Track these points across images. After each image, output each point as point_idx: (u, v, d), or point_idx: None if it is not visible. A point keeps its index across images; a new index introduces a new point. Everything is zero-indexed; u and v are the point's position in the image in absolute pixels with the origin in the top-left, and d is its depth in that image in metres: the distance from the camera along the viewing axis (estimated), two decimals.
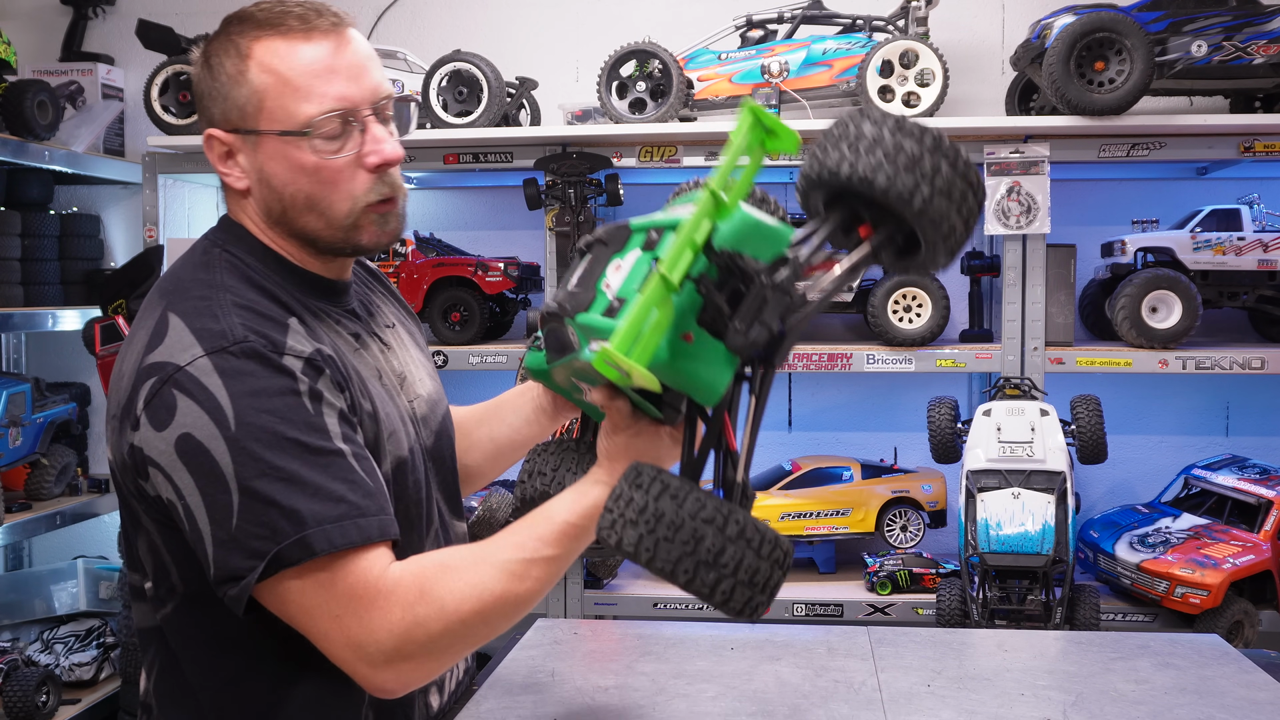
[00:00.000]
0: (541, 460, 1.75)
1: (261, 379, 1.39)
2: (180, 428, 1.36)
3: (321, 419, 1.41)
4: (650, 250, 1.32)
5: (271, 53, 1.51)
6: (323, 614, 1.38)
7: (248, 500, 1.35)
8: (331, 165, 1.51)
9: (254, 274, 1.54)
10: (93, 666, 4.11)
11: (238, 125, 1.52)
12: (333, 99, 1.50)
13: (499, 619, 1.42)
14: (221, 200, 4.39)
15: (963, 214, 1.21)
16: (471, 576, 1.41)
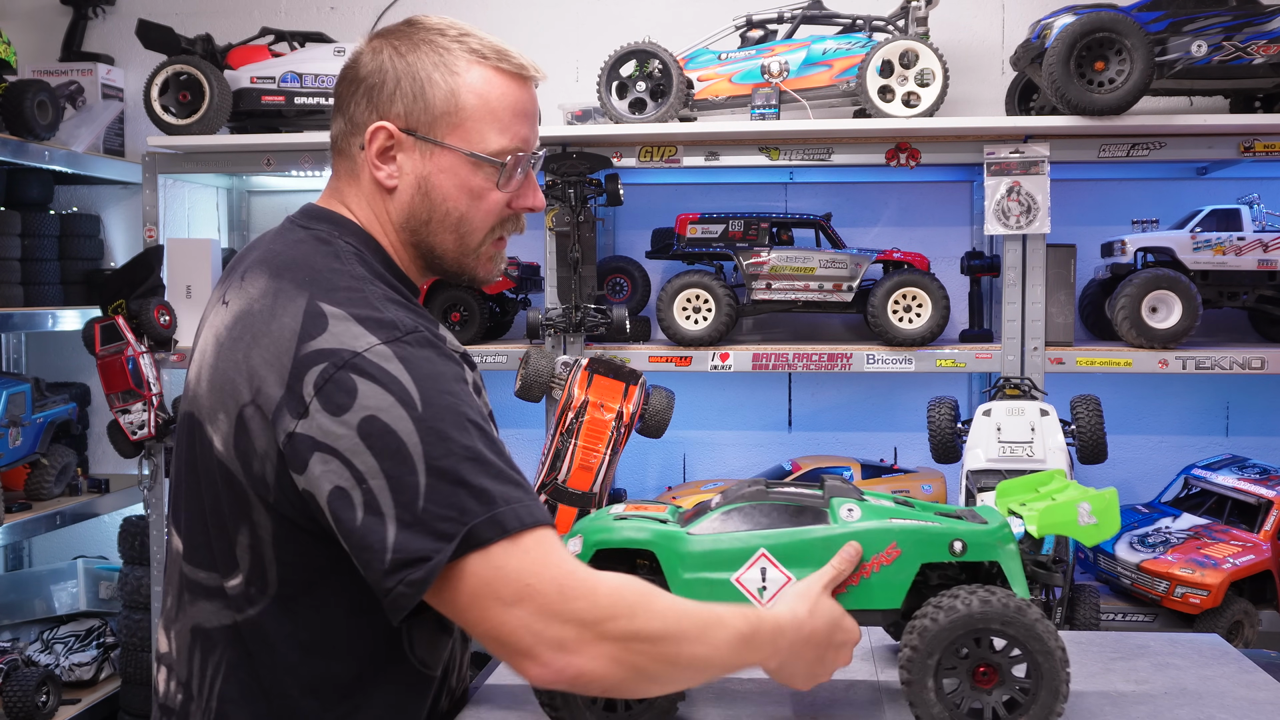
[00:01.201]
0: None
1: (439, 365, 1.41)
2: (363, 410, 1.34)
3: (483, 411, 1.44)
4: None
5: (486, 81, 1.55)
6: (507, 594, 1.33)
7: (435, 480, 1.33)
8: (493, 196, 1.58)
9: (379, 272, 1.55)
10: (93, 666, 4.11)
11: (418, 130, 1.54)
12: (521, 140, 1.58)
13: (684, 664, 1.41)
14: (222, 199, 4.42)
15: None
16: (683, 604, 1.44)
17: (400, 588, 1.33)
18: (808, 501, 1.68)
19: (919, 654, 1.55)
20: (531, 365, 3.38)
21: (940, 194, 4.06)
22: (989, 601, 1.54)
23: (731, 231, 3.62)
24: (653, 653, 1.37)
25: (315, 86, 3.74)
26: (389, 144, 1.56)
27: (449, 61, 1.54)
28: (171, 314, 3.76)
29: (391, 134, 1.55)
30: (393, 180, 1.57)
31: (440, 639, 1.66)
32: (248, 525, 1.47)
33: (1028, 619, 1.54)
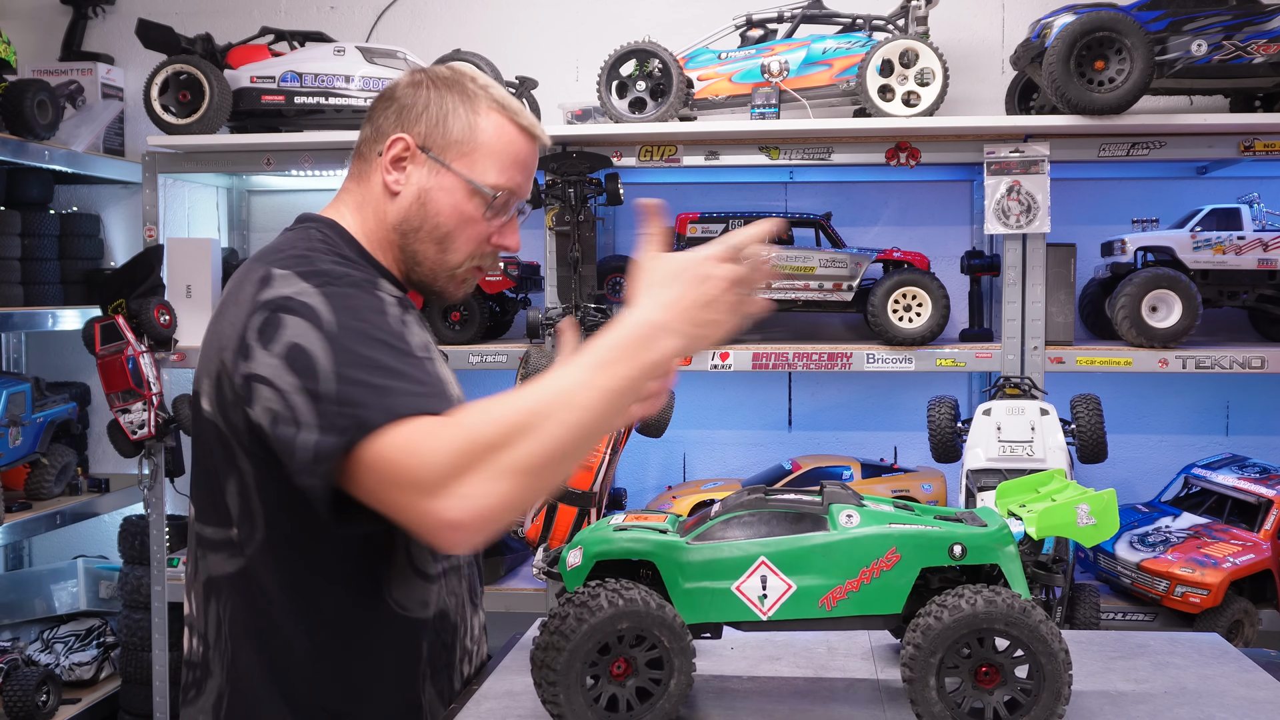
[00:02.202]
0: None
1: (358, 299, 1.59)
2: (287, 340, 1.53)
3: (406, 337, 1.58)
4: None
5: (500, 126, 1.79)
6: (399, 475, 1.41)
7: (343, 386, 1.47)
8: (478, 225, 1.79)
9: (343, 254, 1.75)
10: (93, 666, 4.12)
11: (432, 149, 1.77)
12: (514, 184, 1.81)
13: (550, 435, 1.39)
14: (222, 199, 4.42)
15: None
16: (519, 396, 1.44)
17: (312, 481, 1.46)
18: (807, 508, 1.68)
19: (921, 652, 1.55)
20: (531, 365, 3.38)
21: (940, 193, 4.06)
22: (993, 602, 1.54)
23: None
24: (535, 457, 1.39)
25: (315, 86, 3.74)
26: (403, 154, 1.77)
27: (475, 103, 1.78)
28: (171, 314, 3.76)
29: (408, 145, 1.77)
30: (398, 186, 1.78)
31: (414, 582, 1.75)
32: (235, 474, 1.64)
33: (1032, 620, 1.54)
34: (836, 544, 1.63)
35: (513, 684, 1.90)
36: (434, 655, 1.78)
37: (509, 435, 1.38)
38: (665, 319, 1.45)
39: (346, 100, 3.74)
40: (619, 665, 1.61)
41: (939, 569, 1.65)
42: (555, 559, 1.75)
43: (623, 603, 1.57)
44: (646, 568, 1.66)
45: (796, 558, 1.63)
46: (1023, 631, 1.54)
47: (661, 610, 1.59)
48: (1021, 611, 1.54)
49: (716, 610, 1.65)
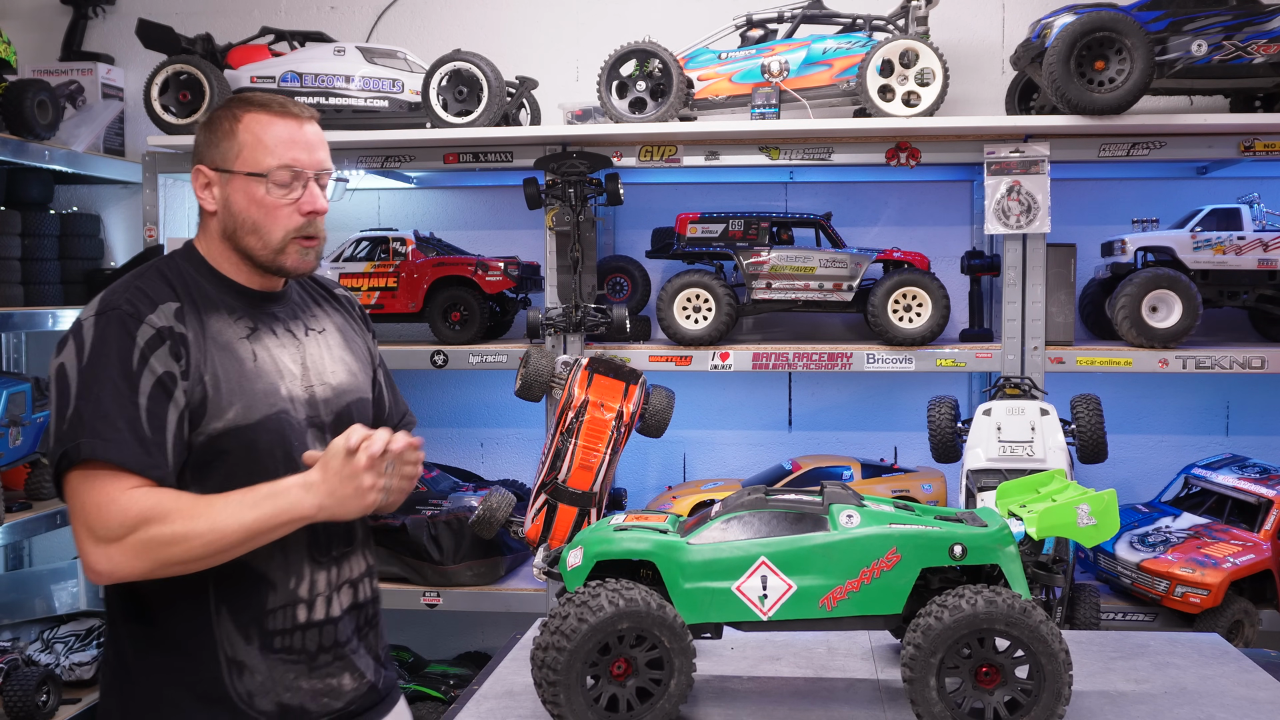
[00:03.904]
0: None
1: (111, 336, 1.97)
2: (61, 358, 1.97)
3: (134, 378, 1.95)
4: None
5: (254, 119, 2.11)
6: (79, 504, 1.91)
7: (71, 414, 1.91)
8: (275, 204, 2.10)
9: (171, 273, 2.11)
10: (93, 666, 4.11)
11: (220, 165, 2.11)
12: (289, 159, 2.11)
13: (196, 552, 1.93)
14: None
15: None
16: (196, 535, 1.91)
17: (55, 477, 1.95)
18: (807, 508, 1.68)
19: (922, 652, 1.55)
20: (531, 365, 3.38)
21: (940, 193, 4.06)
22: (994, 602, 1.54)
23: (731, 231, 3.62)
24: (166, 546, 1.90)
25: (315, 86, 3.74)
26: (206, 180, 2.13)
27: (232, 113, 2.13)
28: None
29: (202, 171, 2.13)
30: (211, 205, 2.14)
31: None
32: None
33: (1032, 620, 1.54)
34: (837, 544, 1.63)
35: (513, 684, 1.90)
36: (224, 595, 2.04)
37: (159, 533, 1.88)
38: (307, 485, 1.97)
39: (347, 100, 3.74)
40: (619, 665, 1.61)
41: (939, 569, 1.65)
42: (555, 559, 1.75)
43: (623, 603, 1.57)
44: (647, 568, 1.66)
45: (797, 558, 1.63)
46: (1023, 632, 1.54)
47: (662, 610, 1.59)
48: (1022, 612, 1.54)
49: (717, 610, 1.65)
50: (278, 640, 2.06)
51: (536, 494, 3.20)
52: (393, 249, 3.77)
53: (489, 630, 4.28)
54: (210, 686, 2.03)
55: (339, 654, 2.13)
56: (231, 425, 2.03)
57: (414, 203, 4.34)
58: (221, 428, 2.02)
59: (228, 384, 2.04)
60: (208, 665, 2.03)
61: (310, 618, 2.10)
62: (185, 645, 2.04)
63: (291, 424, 2.10)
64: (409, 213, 4.33)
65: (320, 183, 2.18)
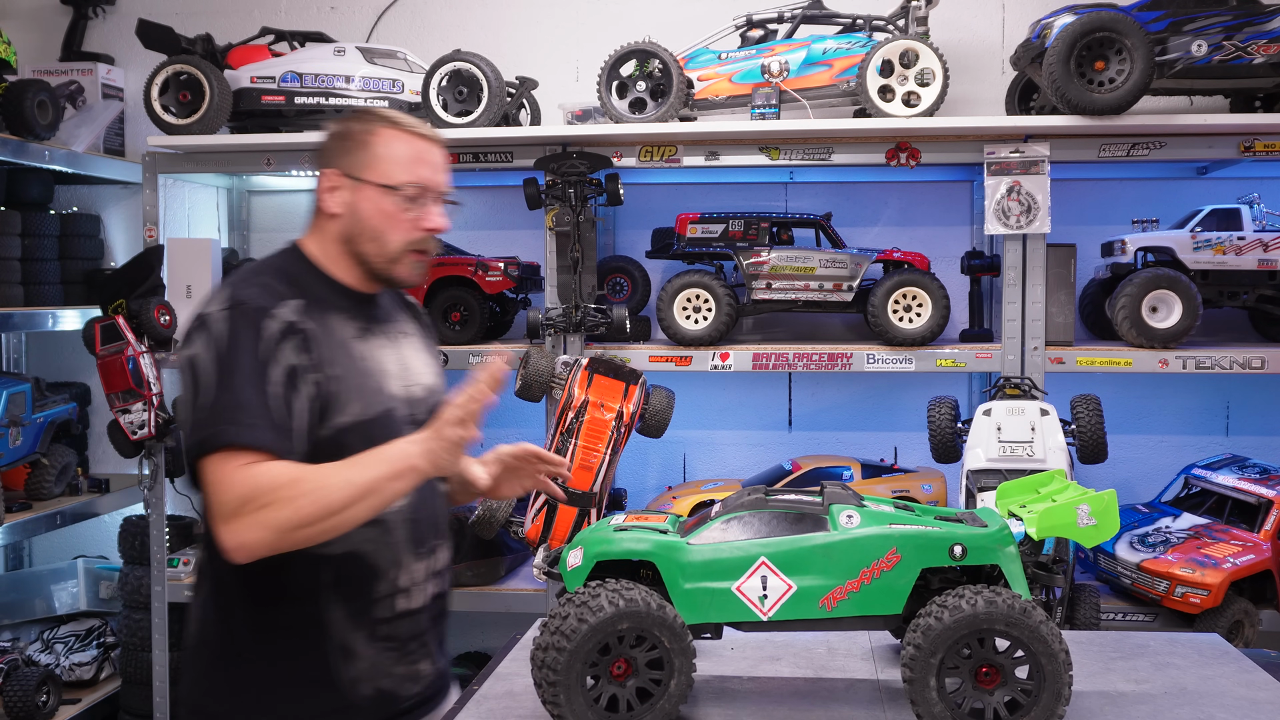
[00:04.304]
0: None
1: (242, 329, 2.03)
2: (191, 350, 2.03)
3: (265, 367, 2.02)
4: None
5: (393, 137, 2.21)
6: (212, 486, 1.96)
7: (207, 404, 1.97)
8: (400, 216, 2.20)
9: (288, 272, 2.19)
10: (93, 666, 4.11)
11: (352, 172, 2.19)
12: (418, 178, 2.21)
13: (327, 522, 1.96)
14: (222, 199, 4.41)
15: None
16: (302, 495, 1.95)
17: (189, 465, 2.02)
18: (807, 509, 1.68)
19: (922, 652, 1.55)
20: (531, 365, 3.38)
21: (940, 194, 4.06)
22: (994, 602, 1.54)
23: (731, 231, 3.62)
24: (278, 510, 1.93)
25: (315, 86, 3.74)
26: (332, 184, 2.20)
27: (369, 127, 2.21)
28: (171, 314, 3.76)
29: (332, 176, 2.20)
30: (335, 209, 2.20)
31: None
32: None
33: (1032, 621, 1.54)
34: (837, 544, 1.63)
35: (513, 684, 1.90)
36: (339, 583, 2.10)
37: (269, 501, 1.92)
38: (414, 439, 2.03)
39: (347, 100, 3.74)
40: (619, 665, 1.61)
41: (939, 569, 1.65)
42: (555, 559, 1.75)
43: (623, 603, 1.57)
44: (647, 568, 1.66)
45: (797, 558, 1.63)
46: (1023, 632, 1.54)
47: (662, 610, 1.59)
48: (1022, 612, 1.54)
49: (717, 610, 1.65)
50: (381, 628, 2.14)
51: (536, 494, 3.20)
52: None
53: (489, 630, 4.28)
54: (320, 671, 2.10)
55: (422, 641, 2.22)
56: (354, 420, 2.12)
57: None
58: (346, 422, 2.12)
59: (348, 381, 2.14)
60: (319, 651, 2.11)
61: (407, 606, 2.18)
62: (300, 631, 2.12)
63: (397, 421, 2.19)
64: None
65: (441, 201, 2.30)
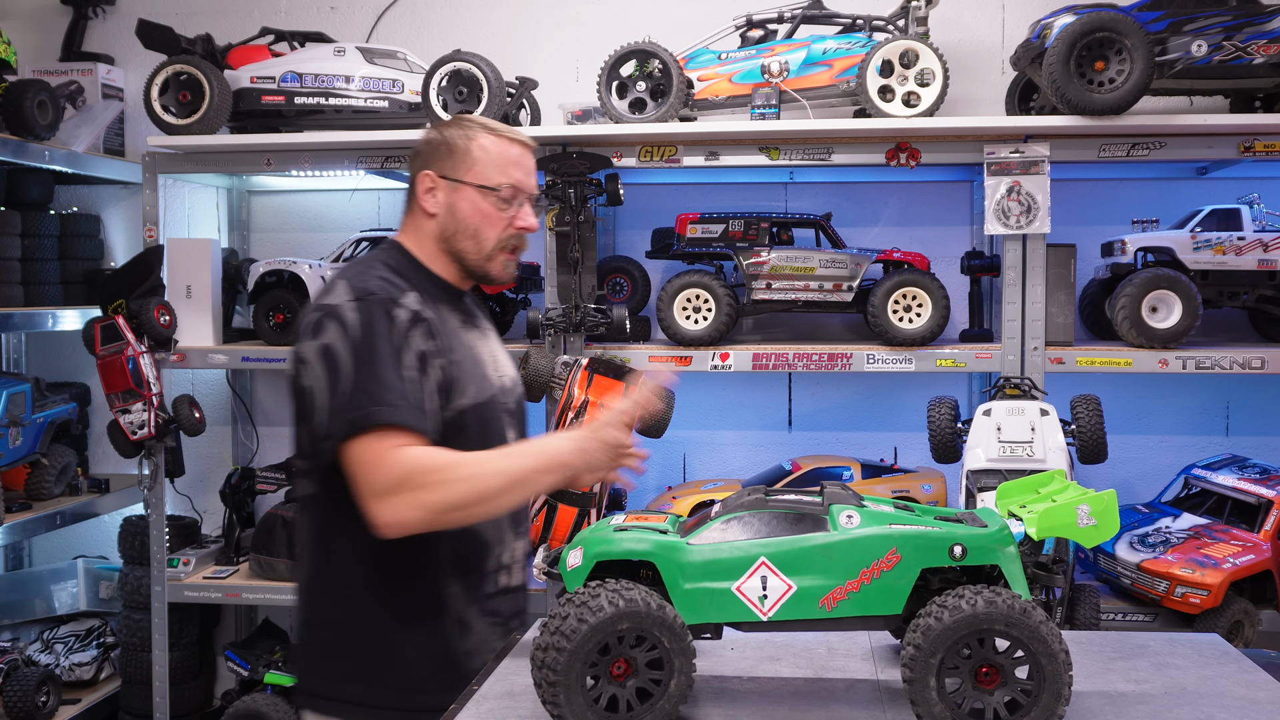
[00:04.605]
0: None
1: (377, 317, 2.16)
2: (324, 340, 2.15)
3: (400, 353, 2.15)
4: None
5: (490, 141, 2.36)
6: (363, 465, 2.08)
7: (351, 389, 2.10)
8: (497, 215, 2.35)
9: (397, 267, 2.33)
10: (93, 666, 4.11)
11: (450, 174, 2.34)
12: (514, 180, 2.36)
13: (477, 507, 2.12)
14: (222, 199, 4.41)
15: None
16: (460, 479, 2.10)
17: (324, 446, 2.14)
18: (807, 509, 1.68)
19: (922, 653, 1.55)
20: (531, 365, 3.38)
21: (940, 194, 4.06)
22: (994, 602, 1.54)
23: (731, 231, 3.62)
24: (437, 491, 2.07)
25: (315, 86, 3.74)
26: (431, 185, 2.35)
27: (468, 132, 2.36)
28: (171, 314, 3.76)
29: (432, 177, 2.35)
30: (433, 209, 2.35)
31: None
32: (304, 422, 2.24)
33: (1032, 621, 1.54)
34: (837, 545, 1.63)
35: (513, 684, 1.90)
36: (456, 559, 2.24)
37: (428, 482, 2.06)
38: (569, 437, 2.18)
39: (346, 100, 3.74)
40: (619, 666, 1.61)
41: (939, 570, 1.65)
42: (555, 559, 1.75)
43: (623, 603, 1.57)
44: (647, 568, 1.66)
45: (797, 558, 1.63)
46: (1023, 632, 1.54)
47: (662, 611, 1.59)
48: (1022, 612, 1.54)
49: (717, 610, 1.65)
50: (488, 603, 2.29)
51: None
52: None
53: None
54: (440, 645, 2.23)
55: (521, 619, 2.38)
56: (471, 403, 2.28)
57: None
58: (465, 404, 2.26)
59: (464, 366, 2.29)
60: (441, 625, 2.24)
61: (508, 583, 2.34)
62: (424, 606, 2.23)
63: (499, 407, 2.37)
64: None
65: (532, 201, 2.43)
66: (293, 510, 3.83)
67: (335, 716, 2.25)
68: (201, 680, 4.26)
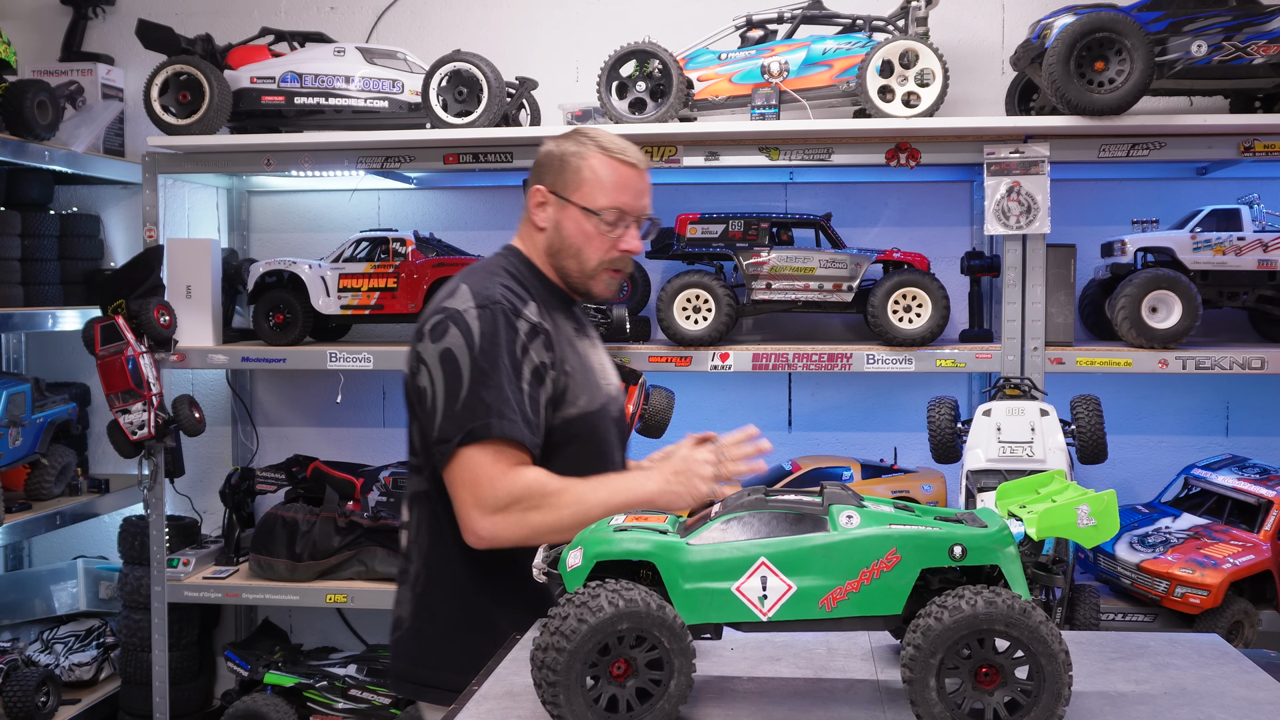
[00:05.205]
0: None
1: (500, 327, 2.23)
2: (445, 344, 2.22)
3: (520, 365, 2.23)
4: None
5: (602, 162, 2.40)
6: (463, 478, 2.18)
7: (468, 396, 2.18)
8: (600, 237, 2.40)
9: (518, 274, 2.40)
10: (93, 666, 4.11)
11: (559, 191, 2.41)
12: (620, 203, 2.39)
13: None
14: (222, 199, 4.41)
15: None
16: (565, 506, 2.21)
17: (438, 451, 2.22)
18: (807, 509, 1.68)
19: (922, 653, 1.55)
20: None
21: (940, 194, 4.06)
22: (994, 602, 1.54)
23: (731, 231, 3.62)
24: (542, 516, 2.18)
25: (315, 86, 3.74)
26: (542, 200, 2.43)
27: (582, 150, 2.40)
28: (171, 314, 3.76)
29: (543, 192, 2.42)
30: (542, 223, 2.43)
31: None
32: (414, 418, 2.35)
33: (1032, 621, 1.54)
34: (837, 545, 1.63)
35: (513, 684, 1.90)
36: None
37: (537, 505, 2.17)
38: (649, 474, 2.32)
39: (346, 101, 3.74)
40: (619, 666, 1.61)
41: (939, 570, 1.65)
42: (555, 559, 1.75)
43: (623, 603, 1.57)
44: (647, 568, 1.66)
45: (796, 558, 1.63)
46: (1023, 632, 1.54)
47: (662, 611, 1.59)
48: (1022, 612, 1.54)
49: (716, 611, 1.64)
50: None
51: None
52: (393, 249, 3.77)
53: None
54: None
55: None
56: (582, 412, 2.34)
57: (414, 203, 4.34)
58: (575, 413, 2.33)
59: (577, 375, 2.35)
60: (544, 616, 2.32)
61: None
62: (529, 601, 2.25)
63: (609, 414, 2.44)
64: (409, 213, 4.33)
65: (640, 224, 2.47)
66: (294, 510, 3.83)
67: (448, 705, 2.34)
68: (201, 680, 4.26)
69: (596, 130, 2.49)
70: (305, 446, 4.33)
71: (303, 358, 3.77)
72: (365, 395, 4.38)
